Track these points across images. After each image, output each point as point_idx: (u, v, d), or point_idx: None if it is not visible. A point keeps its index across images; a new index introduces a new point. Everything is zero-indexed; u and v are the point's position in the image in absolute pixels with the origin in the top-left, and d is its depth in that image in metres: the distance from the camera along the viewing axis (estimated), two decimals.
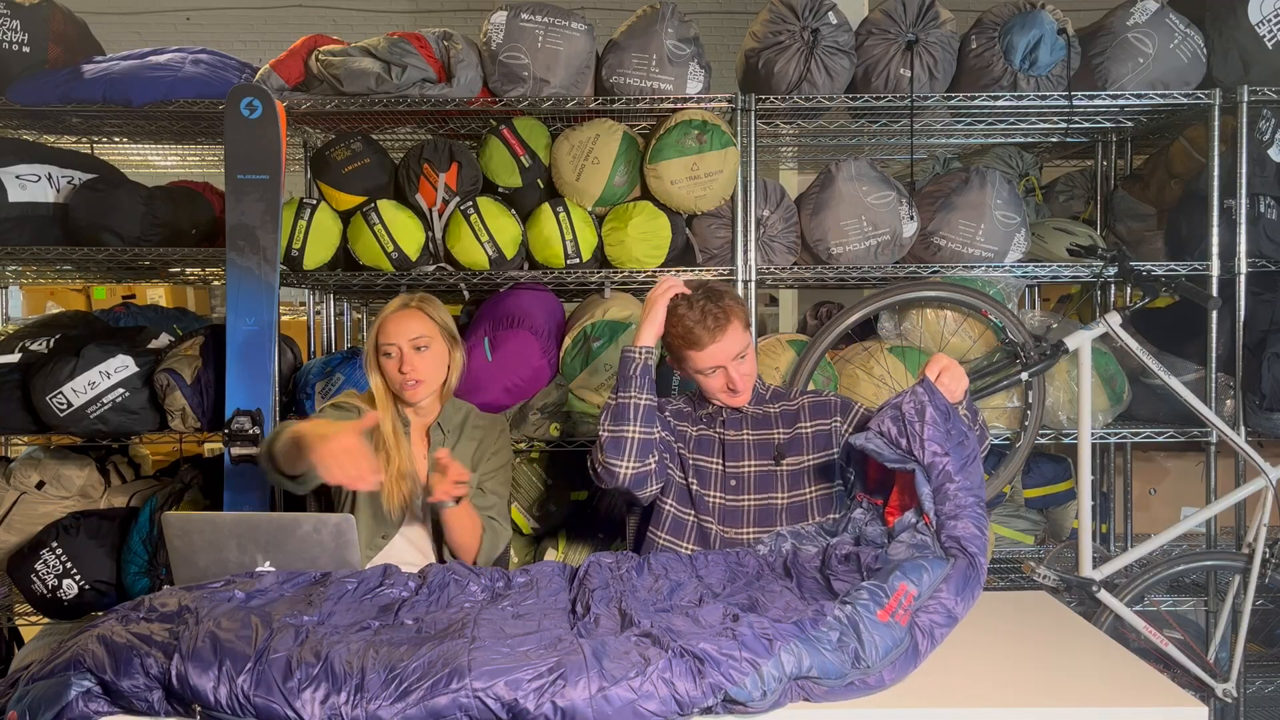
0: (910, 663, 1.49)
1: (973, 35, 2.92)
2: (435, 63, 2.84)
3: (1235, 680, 2.62)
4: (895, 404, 1.76)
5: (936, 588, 1.55)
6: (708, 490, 2.12)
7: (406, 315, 2.14)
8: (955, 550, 1.61)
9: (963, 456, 1.68)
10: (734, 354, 2.05)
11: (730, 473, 2.12)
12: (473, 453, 2.21)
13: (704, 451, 2.15)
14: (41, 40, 2.95)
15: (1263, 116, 2.88)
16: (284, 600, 1.58)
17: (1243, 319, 2.88)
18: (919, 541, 1.62)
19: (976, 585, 1.59)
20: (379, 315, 2.18)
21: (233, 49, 3.52)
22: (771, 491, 2.11)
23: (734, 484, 2.12)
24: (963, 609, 1.56)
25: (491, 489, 2.21)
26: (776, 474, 2.11)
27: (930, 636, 1.51)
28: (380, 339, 2.13)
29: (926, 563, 1.57)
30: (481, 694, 1.31)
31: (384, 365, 2.13)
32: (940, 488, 1.66)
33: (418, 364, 2.11)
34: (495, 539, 2.16)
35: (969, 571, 1.59)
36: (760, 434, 2.15)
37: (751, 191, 2.89)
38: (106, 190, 3.00)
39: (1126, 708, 1.43)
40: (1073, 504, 3.15)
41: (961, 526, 1.62)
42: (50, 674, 1.38)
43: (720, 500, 2.11)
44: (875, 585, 1.54)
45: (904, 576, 1.54)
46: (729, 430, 2.15)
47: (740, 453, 2.13)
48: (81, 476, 2.98)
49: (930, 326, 2.86)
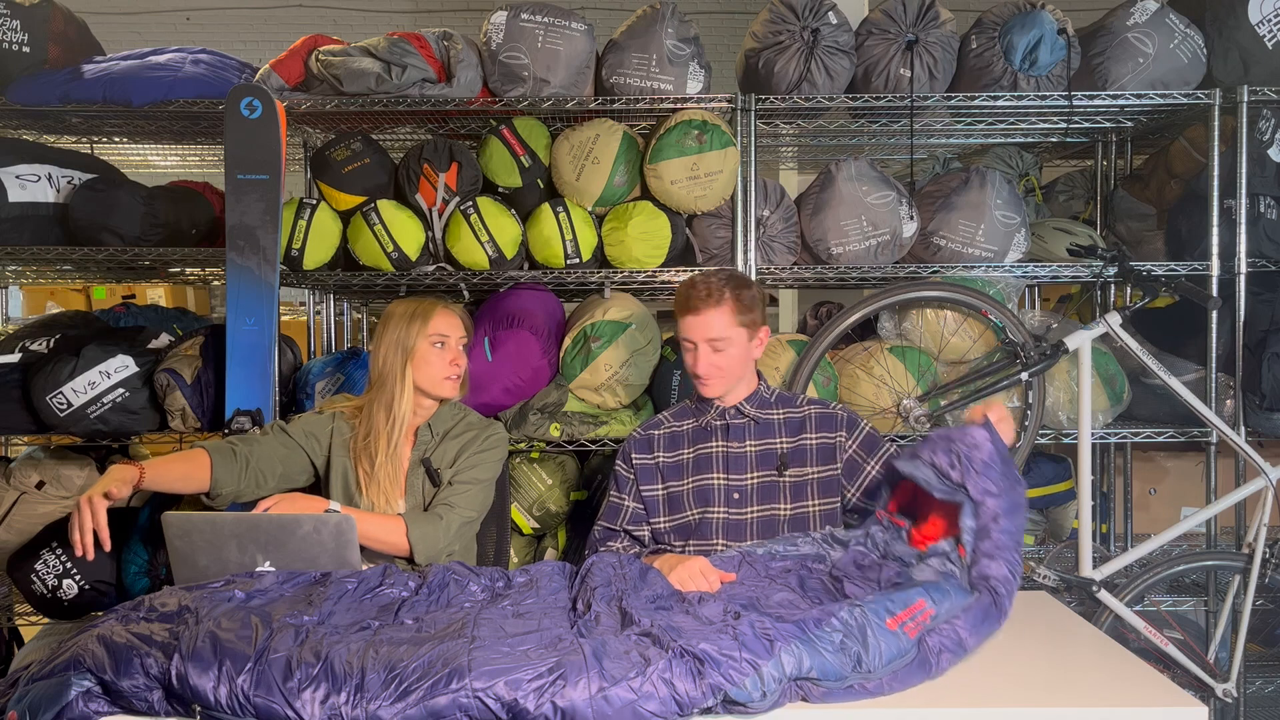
0: (915, 675, 1.48)
1: (973, 35, 2.92)
2: (435, 63, 2.84)
3: (1235, 680, 2.62)
4: (948, 437, 1.78)
5: (954, 615, 1.55)
6: (711, 507, 2.11)
7: (453, 314, 2.20)
8: (983, 587, 1.61)
9: (1011, 502, 1.70)
10: (709, 335, 2.06)
11: (734, 485, 2.12)
12: (456, 451, 2.19)
13: (704, 470, 2.14)
14: (41, 40, 2.95)
15: (1263, 116, 2.88)
16: (284, 600, 1.58)
17: (1243, 319, 2.88)
18: (948, 570, 1.62)
19: (993, 625, 1.59)
20: (411, 312, 2.16)
21: (233, 49, 3.52)
22: (774, 502, 2.10)
23: (737, 497, 2.11)
24: (974, 642, 1.55)
25: (458, 481, 2.13)
26: (779, 485, 2.11)
27: (937, 658, 1.50)
28: (433, 330, 2.14)
29: (951, 589, 1.57)
30: (481, 694, 1.31)
31: (429, 355, 2.14)
32: (984, 526, 1.68)
33: (461, 361, 2.18)
34: (431, 530, 2.02)
35: (990, 610, 1.59)
36: (763, 443, 2.14)
37: (751, 191, 2.89)
38: (106, 190, 3.00)
39: (1126, 708, 1.43)
40: (1073, 504, 3.15)
41: (995, 567, 1.62)
42: (50, 674, 1.38)
43: (724, 515, 2.11)
44: (891, 595, 1.54)
45: (925, 594, 1.55)
46: (731, 442, 2.14)
47: (743, 465, 2.13)
48: (81, 476, 2.98)
49: (930, 326, 2.86)
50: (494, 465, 2.22)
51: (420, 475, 2.16)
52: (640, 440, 2.21)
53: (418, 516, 2.05)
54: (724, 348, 2.08)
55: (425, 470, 2.16)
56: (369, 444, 2.13)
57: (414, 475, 2.16)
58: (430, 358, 2.14)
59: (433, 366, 2.15)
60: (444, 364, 2.15)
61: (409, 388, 2.14)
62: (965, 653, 1.54)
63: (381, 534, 2.00)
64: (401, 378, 2.13)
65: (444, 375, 2.15)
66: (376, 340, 2.18)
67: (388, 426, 2.13)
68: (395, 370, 2.13)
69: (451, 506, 2.09)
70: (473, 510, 2.13)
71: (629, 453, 2.21)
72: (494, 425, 2.27)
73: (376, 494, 2.12)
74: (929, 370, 2.85)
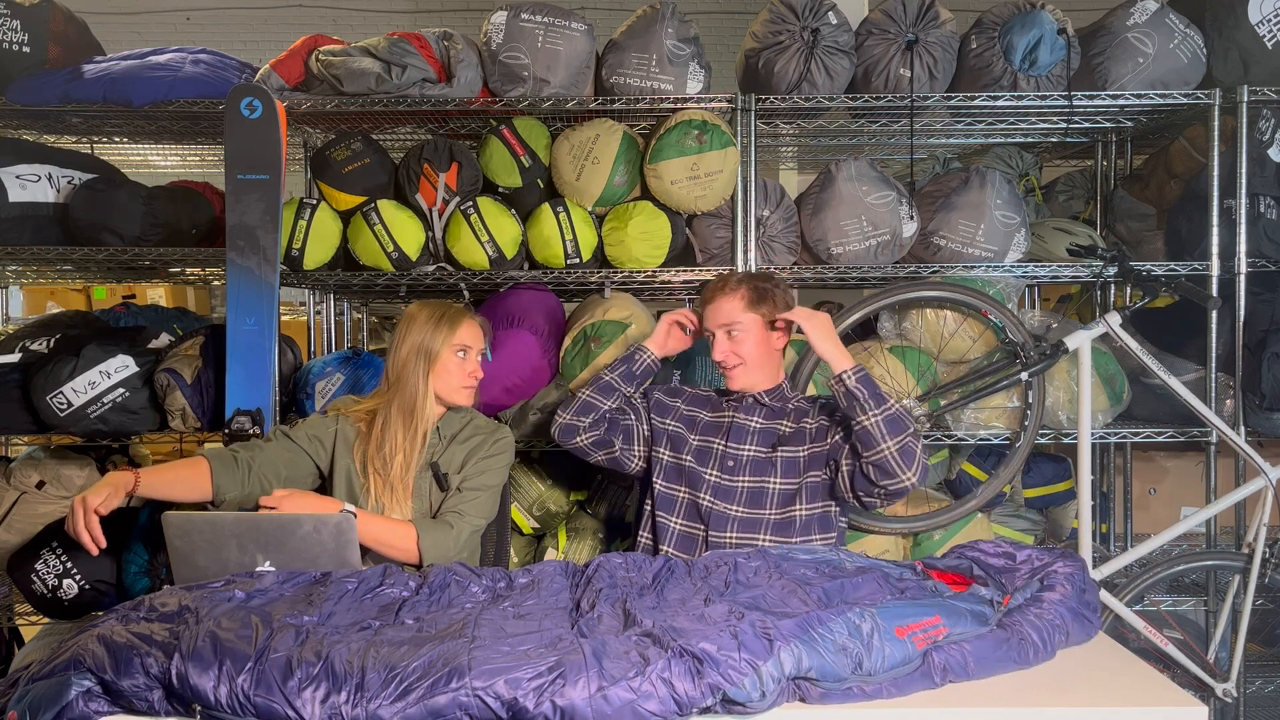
0: (915, 684, 1.47)
1: (973, 35, 2.92)
2: (435, 63, 2.84)
3: (1235, 680, 2.62)
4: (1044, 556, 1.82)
5: (966, 639, 1.54)
6: (705, 467, 2.24)
7: (477, 326, 2.23)
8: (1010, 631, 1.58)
9: (1082, 634, 1.69)
10: (722, 322, 2.23)
11: (730, 452, 2.24)
12: (464, 456, 2.18)
13: (710, 433, 2.29)
14: (41, 40, 2.95)
15: (1263, 116, 2.88)
16: (284, 600, 1.58)
17: (1243, 319, 2.88)
18: (978, 611, 1.60)
19: (1003, 665, 1.55)
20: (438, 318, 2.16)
21: (233, 49, 3.52)
22: (765, 476, 2.21)
23: (731, 464, 2.23)
24: (978, 670, 1.51)
25: (468, 487, 2.14)
26: (773, 459, 2.21)
27: (941, 674, 1.49)
28: (458, 341, 2.15)
29: (971, 615, 1.56)
30: (481, 693, 1.31)
31: (450, 364, 2.15)
32: (1038, 598, 1.69)
33: (478, 372, 2.21)
34: (442, 538, 2.02)
35: (1006, 649, 1.55)
36: (770, 423, 2.26)
37: (751, 191, 2.89)
38: (106, 190, 3.00)
39: (1126, 708, 1.43)
40: (1073, 504, 3.15)
41: (1033, 632, 1.59)
42: (50, 674, 1.38)
43: (715, 477, 2.22)
44: (907, 605, 1.54)
45: (941, 610, 1.55)
46: (740, 414, 2.28)
47: (743, 436, 2.25)
48: (81, 476, 2.98)
49: (930, 326, 2.86)
50: (502, 471, 2.21)
51: (428, 479, 2.16)
52: (668, 388, 2.43)
53: (429, 524, 2.04)
54: (739, 334, 2.22)
55: (433, 474, 2.15)
56: (383, 446, 2.12)
57: (421, 479, 2.15)
58: (451, 366, 2.15)
59: (453, 376, 2.15)
60: (463, 374, 2.17)
61: (431, 393, 2.14)
62: (968, 675, 1.50)
63: (393, 539, 1.99)
64: (425, 383, 2.13)
65: (462, 385, 2.17)
66: (398, 340, 2.16)
67: (409, 431, 2.12)
68: (418, 375, 2.12)
69: (461, 515, 2.08)
70: (482, 518, 2.13)
71: (653, 392, 2.39)
72: (501, 429, 2.27)
73: (388, 496, 2.11)
74: (929, 370, 2.85)
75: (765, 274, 2.27)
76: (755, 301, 2.22)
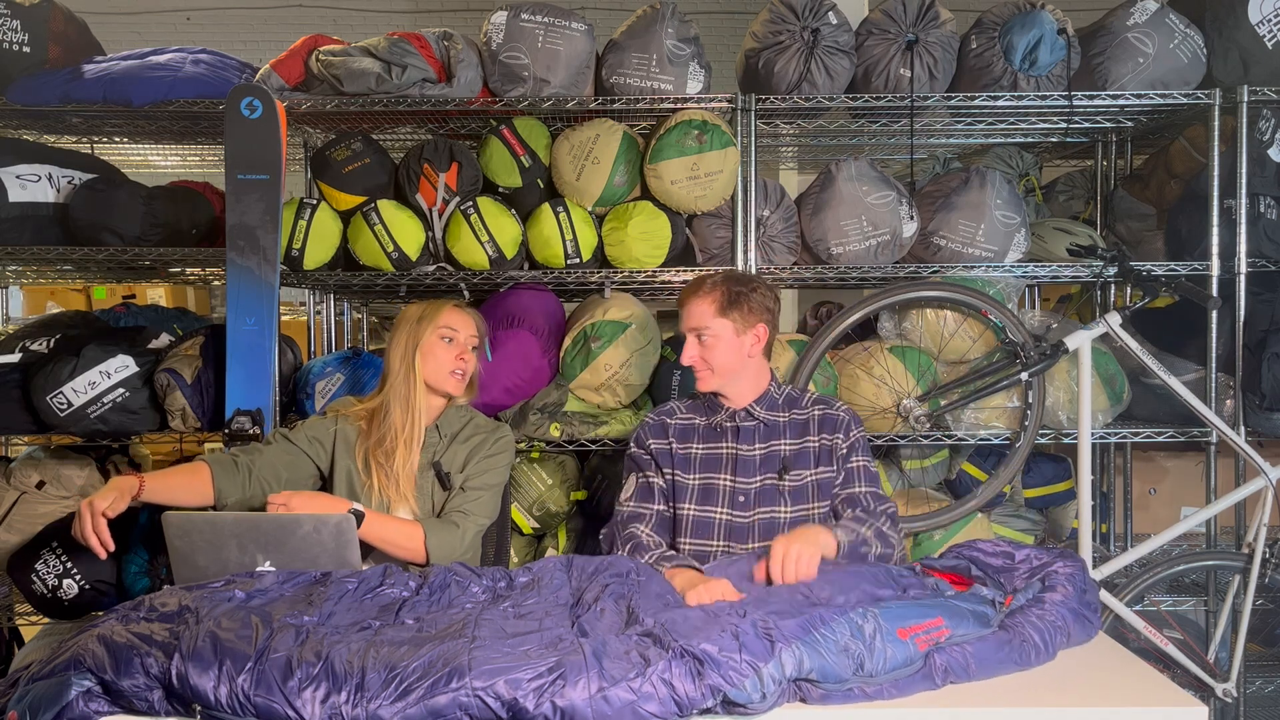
0: (916, 686, 1.47)
1: (973, 35, 2.92)
2: (435, 63, 2.84)
3: (1235, 680, 2.62)
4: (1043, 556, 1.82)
5: (967, 640, 1.54)
6: (716, 508, 2.10)
7: (467, 314, 2.21)
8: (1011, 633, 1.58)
9: (1083, 634, 1.69)
10: (695, 325, 2.10)
11: (740, 489, 2.11)
12: (465, 455, 2.19)
13: (712, 470, 2.13)
14: (41, 40, 2.95)
15: (1263, 116, 2.88)
16: (284, 600, 1.58)
17: (1243, 319, 2.88)
18: (980, 612, 1.60)
19: (1005, 666, 1.54)
20: (422, 310, 2.18)
21: (233, 49, 3.52)
22: (775, 506, 2.10)
23: (742, 500, 2.10)
24: (979, 671, 1.51)
25: (471, 487, 2.15)
26: (780, 488, 2.09)
27: (942, 676, 1.49)
28: (443, 322, 2.16)
29: (973, 616, 1.56)
30: (481, 693, 1.31)
31: (435, 348, 2.15)
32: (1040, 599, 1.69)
33: (468, 358, 2.19)
34: (449, 538, 2.04)
35: (1008, 650, 1.54)
36: (769, 446, 2.13)
37: (751, 191, 2.89)
38: (106, 190, 3.00)
39: (1126, 708, 1.43)
40: (1073, 504, 3.15)
41: (1034, 633, 1.59)
42: (50, 674, 1.38)
43: (727, 516, 2.10)
44: (910, 605, 1.54)
45: (943, 612, 1.54)
46: (741, 445, 2.12)
47: (750, 469, 2.11)
48: (81, 476, 2.98)
49: (930, 326, 2.86)
50: (504, 470, 2.22)
51: (430, 478, 2.16)
52: (654, 425, 2.20)
53: (435, 524, 2.06)
54: (709, 340, 2.08)
55: (435, 473, 2.16)
56: (384, 440, 2.13)
57: (424, 478, 2.16)
58: (437, 350, 2.15)
59: (438, 359, 2.15)
60: (450, 358, 2.16)
61: (420, 381, 2.15)
62: (969, 677, 1.50)
63: (400, 539, 2.00)
64: (411, 371, 2.14)
65: (449, 369, 2.16)
66: (390, 340, 2.19)
67: (406, 422, 2.13)
68: (408, 364, 2.15)
69: (467, 514, 2.09)
70: (486, 517, 2.15)
71: (644, 438, 2.19)
72: (501, 428, 2.27)
73: (392, 491, 2.11)
74: (929, 370, 2.85)
75: (746, 277, 2.15)
76: (726, 306, 2.07)
